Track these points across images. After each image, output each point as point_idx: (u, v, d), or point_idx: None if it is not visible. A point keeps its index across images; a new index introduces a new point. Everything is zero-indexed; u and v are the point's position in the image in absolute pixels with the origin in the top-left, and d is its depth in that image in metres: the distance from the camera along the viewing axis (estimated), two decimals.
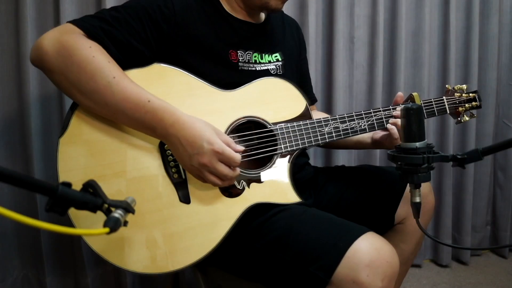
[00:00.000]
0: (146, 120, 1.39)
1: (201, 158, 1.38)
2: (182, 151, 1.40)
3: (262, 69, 1.74)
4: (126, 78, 1.39)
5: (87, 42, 1.39)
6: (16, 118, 2.17)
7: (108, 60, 1.39)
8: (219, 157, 1.40)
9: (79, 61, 1.35)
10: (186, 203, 1.49)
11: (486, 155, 1.18)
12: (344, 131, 1.73)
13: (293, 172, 1.66)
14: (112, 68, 1.38)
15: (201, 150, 1.38)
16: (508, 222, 3.22)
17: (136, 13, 1.50)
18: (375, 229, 1.46)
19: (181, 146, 1.39)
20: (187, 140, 1.38)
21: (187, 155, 1.40)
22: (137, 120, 1.40)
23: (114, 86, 1.36)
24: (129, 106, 1.37)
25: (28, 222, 0.80)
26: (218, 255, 1.50)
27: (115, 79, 1.36)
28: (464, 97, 1.92)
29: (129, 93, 1.37)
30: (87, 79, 1.35)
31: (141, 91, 1.39)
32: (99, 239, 1.39)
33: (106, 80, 1.35)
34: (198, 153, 1.38)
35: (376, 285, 1.30)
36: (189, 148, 1.38)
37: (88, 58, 1.35)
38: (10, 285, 2.25)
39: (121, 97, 1.36)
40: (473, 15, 2.91)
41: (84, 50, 1.36)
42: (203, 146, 1.37)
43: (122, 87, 1.37)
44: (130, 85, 1.38)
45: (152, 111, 1.38)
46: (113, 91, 1.36)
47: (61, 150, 1.39)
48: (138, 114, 1.38)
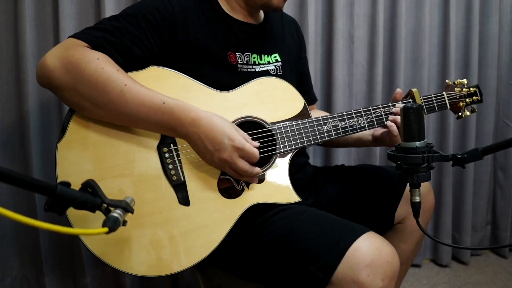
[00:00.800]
0: (164, 122, 1.39)
1: (222, 154, 1.41)
2: (203, 148, 1.41)
3: (261, 70, 1.74)
4: (137, 84, 1.39)
5: (93, 54, 1.38)
6: (15, 117, 2.17)
7: (117, 69, 1.39)
8: (240, 153, 1.43)
9: (89, 74, 1.34)
10: (186, 205, 1.48)
11: (486, 155, 1.19)
12: (343, 129, 1.73)
13: (293, 172, 1.66)
14: (122, 77, 1.38)
15: (222, 146, 1.40)
16: (508, 222, 3.21)
17: (137, 21, 1.49)
18: (375, 228, 1.46)
19: (201, 143, 1.40)
20: (208, 136, 1.39)
21: (208, 152, 1.41)
22: (155, 123, 1.40)
23: (127, 93, 1.35)
24: (145, 110, 1.37)
25: (27, 222, 0.80)
26: (217, 255, 1.49)
27: (126, 86, 1.36)
28: (465, 91, 1.91)
29: (143, 98, 1.37)
30: (99, 91, 1.34)
31: (154, 94, 1.39)
32: (98, 242, 1.38)
33: (118, 89, 1.35)
34: (219, 149, 1.40)
35: (377, 285, 1.30)
36: (210, 145, 1.40)
37: (98, 70, 1.34)
38: (9, 285, 2.25)
39: (135, 103, 1.36)
40: (473, 15, 2.91)
41: (92, 63, 1.35)
42: (224, 142, 1.40)
43: (135, 93, 1.36)
44: (142, 90, 1.38)
45: (169, 112, 1.38)
46: (126, 99, 1.35)
47: (60, 155, 1.39)
48: (155, 117, 1.38)
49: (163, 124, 1.40)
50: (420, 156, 1.18)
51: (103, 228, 0.97)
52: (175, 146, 1.49)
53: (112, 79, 1.35)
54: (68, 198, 0.96)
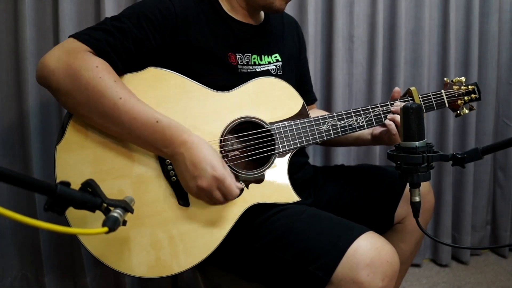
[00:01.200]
0: (154, 140, 1.39)
1: (201, 181, 1.39)
2: (184, 170, 1.40)
3: (262, 70, 1.74)
4: (133, 98, 1.39)
5: (93, 62, 1.37)
6: (15, 117, 2.16)
7: (114, 79, 1.38)
8: (218, 184, 1.40)
9: (86, 83, 1.33)
10: (185, 205, 1.48)
11: (486, 154, 1.19)
12: (342, 128, 1.73)
13: (292, 172, 1.66)
14: (119, 88, 1.37)
15: (202, 173, 1.38)
16: (508, 222, 3.21)
17: (139, 21, 1.48)
18: (375, 228, 1.47)
19: (184, 166, 1.39)
20: (192, 161, 1.38)
21: (188, 175, 1.40)
22: (145, 140, 1.40)
23: (120, 106, 1.35)
24: (136, 126, 1.37)
25: (27, 222, 0.79)
26: (217, 255, 1.49)
27: (121, 99, 1.35)
28: (463, 89, 1.91)
29: (136, 113, 1.36)
30: (95, 101, 1.34)
31: (148, 111, 1.39)
32: (98, 243, 1.38)
33: (112, 101, 1.34)
34: (199, 176, 1.39)
35: (377, 284, 1.30)
36: (192, 169, 1.39)
37: (95, 79, 1.34)
38: (9, 285, 2.25)
39: (128, 117, 1.36)
40: (473, 14, 2.90)
41: (91, 71, 1.34)
42: (206, 170, 1.38)
43: (129, 108, 1.36)
44: (137, 105, 1.38)
45: (161, 131, 1.38)
46: (120, 112, 1.35)
47: (59, 157, 1.39)
48: (146, 134, 1.38)
49: (152, 141, 1.40)
50: (420, 156, 1.18)
51: (103, 228, 0.97)
52: None
53: (109, 90, 1.35)
54: (68, 198, 0.96)
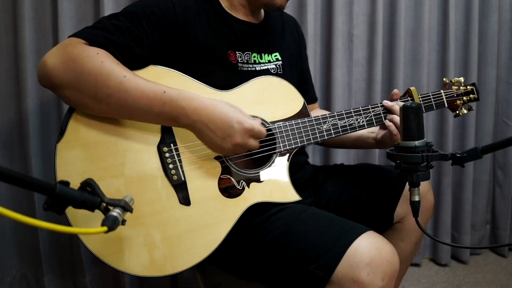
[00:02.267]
0: (166, 112, 1.39)
1: (234, 139, 1.42)
2: (213, 136, 1.42)
3: (262, 69, 1.74)
4: (137, 76, 1.38)
5: (93, 50, 1.37)
6: (15, 117, 2.17)
7: (116, 62, 1.38)
8: (250, 134, 1.44)
9: (88, 69, 1.33)
10: (186, 205, 1.48)
11: (485, 154, 1.19)
12: (343, 127, 1.73)
13: (292, 171, 1.66)
14: (121, 69, 1.37)
15: (232, 131, 1.41)
16: (507, 221, 3.21)
17: (137, 19, 1.48)
18: (374, 228, 1.46)
19: (210, 131, 1.41)
20: (216, 123, 1.40)
21: (218, 139, 1.42)
22: (157, 114, 1.39)
23: (126, 85, 1.34)
24: (145, 101, 1.36)
25: (27, 221, 0.79)
26: (217, 254, 1.49)
27: (126, 77, 1.35)
28: (462, 90, 1.91)
29: (143, 88, 1.36)
30: (99, 85, 1.34)
31: (154, 85, 1.39)
32: (98, 242, 1.38)
33: (117, 80, 1.34)
34: (230, 135, 1.41)
35: (376, 284, 1.30)
36: (219, 132, 1.41)
37: (97, 64, 1.34)
38: (8, 284, 2.25)
39: (136, 94, 1.35)
40: (473, 13, 2.91)
41: (92, 57, 1.34)
42: (234, 127, 1.41)
43: (135, 84, 1.36)
44: (142, 81, 1.38)
45: (170, 102, 1.38)
46: (126, 90, 1.34)
47: (59, 156, 1.38)
48: (156, 108, 1.38)
49: (165, 114, 1.39)
50: (419, 155, 1.18)
51: (102, 227, 0.97)
52: (175, 146, 1.48)
53: (111, 72, 1.34)
54: (67, 197, 0.96)
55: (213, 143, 1.44)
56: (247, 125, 1.42)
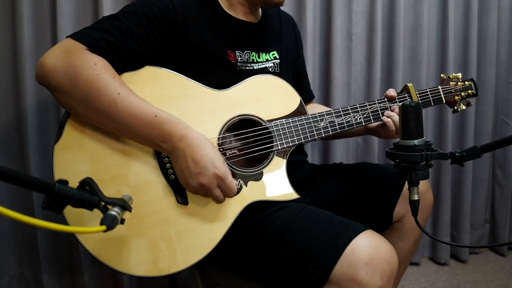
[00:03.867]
0: (154, 136, 1.38)
1: (202, 179, 1.39)
2: (184, 167, 1.40)
3: (260, 68, 1.74)
4: (132, 94, 1.38)
5: (92, 60, 1.37)
6: (13, 115, 2.16)
7: (113, 76, 1.38)
8: (219, 183, 1.41)
9: (85, 80, 1.33)
10: (184, 204, 1.48)
11: (484, 153, 1.19)
12: (340, 125, 1.73)
13: (291, 170, 1.66)
14: (117, 85, 1.37)
15: (203, 171, 1.38)
16: (507, 220, 3.21)
17: (138, 19, 1.48)
18: (373, 227, 1.46)
19: (184, 162, 1.39)
20: (193, 157, 1.38)
21: (188, 172, 1.39)
22: (144, 136, 1.39)
23: (119, 103, 1.34)
24: (135, 122, 1.36)
25: (25, 220, 0.79)
26: (216, 253, 1.49)
27: (120, 95, 1.35)
28: (460, 85, 1.91)
29: (135, 109, 1.36)
30: (93, 97, 1.34)
31: (147, 107, 1.38)
32: (96, 242, 1.38)
33: (111, 97, 1.34)
34: (200, 173, 1.38)
35: (375, 283, 1.30)
36: (192, 166, 1.38)
37: (94, 76, 1.34)
38: (7, 283, 2.25)
39: (127, 113, 1.35)
40: (472, 12, 2.90)
41: (90, 69, 1.34)
42: (208, 168, 1.38)
43: (128, 103, 1.36)
44: (136, 101, 1.37)
45: (160, 127, 1.37)
46: (118, 108, 1.35)
47: (57, 156, 1.38)
48: (145, 130, 1.37)
49: (151, 137, 1.39)
50: (418, 154, 1.18)
51: (101, 226, 0.97)
52: None
53: (107, 86, 1.34)
54: (66, 196, 0.96)
55: (182, 173, 1.41)
56: (220, 172, 1.39)
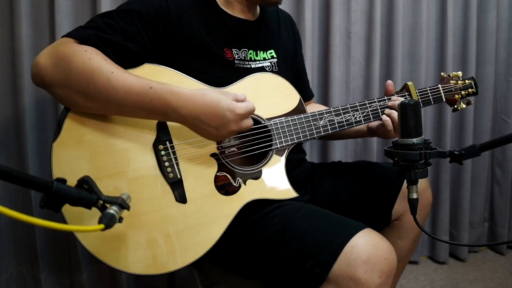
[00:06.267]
0: (154, 107, 1.38)
1: (229, 127, 1.42)
2: (206, 128, 1.41)
3: (257, 67, 1.74)
4: (125, 72, 1.38)
5: (82, 47, 1.37)
6: (11, 114, 2.16)
7: (104, 59, 1.38)
8: (243, 118, 1.43)
9: (76, 67, 1.33)
10: (183, 202, 1.48)
11: (483, 151, 1.19)
12: (339, 123, 1.73)
13: (290, 168, 1.66)
14: (110, 65, 1.37)
15: (225, 120, 1.40)
16: (506, 219, 3.22)
17: (131, 17, 1.48)
18: (372, 225, 1.46)
19: (202, 124, 1.40)
20: (207, 115, 1.39)
21: (213, 129, 1.42)
22: (145, 110, 1.39)
23: (113, 80, 1.34)
24: (133, 97, 1.36)
25: (23, 219, 0.79)
26: (214, 251, 1.49)
27: (113, 74, 1.34)
28: (460, 84, 1.91)
29: (130, 84, 1.36)
30: (87, 81, 1.34)
31: (141, 80, 1.38)
32: (95, 240, 1.38)
33: (105, 76, 1.34)
34: (223, 124, 1.41)
35: (374, 282, 1.30)
36: (213, 122, 1.40)
37: (85, 60, 1.34)
38: (5, 282, 2.25)
39: (123, 90, 1.35)
40: (471, 10, 2.90)
41: (80, 55, 1.34)
42: (227, 116, 1.40)
43: (122, 80, 1.35)
44: (130, 77, 1.37)
45: (157, 97, 1.37)
46: (113, 86, 1.34)
47: (55, 154, 1.38)
48: (144, 104, 1.37)
49: (153, 109, 1.39)
50: (417, 153, 1.17)
51: (99, 225, 0.97)
52: (171, 144, 1.48)
53: (99, 68, 1.34)
54: (64, 195, 0.96)
55: (208, 134, 1.43)
56: (239, 111, 1.41)
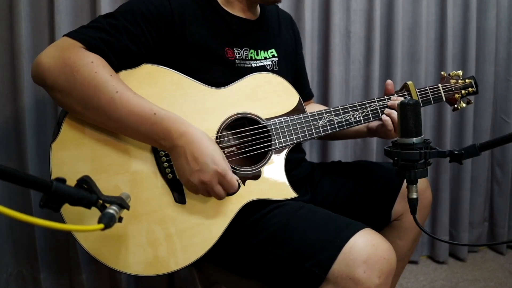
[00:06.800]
0: (153, 132, 1.38)
1: (203, 176, 1.38)
2: (185, 164, 1.39)
3: (258, 66, 1.73)
4: (129, 92, 1.37)
5: (88, 57, 1.36)
6: (10, 113, 2.16)
7: (110, 73, 1.37)
8: (220, 179, 1.40)
9: (82, 78, 1.32)
10: (182, 203, 1.48)
11: (483, 151, 1.19)
12: (339, 123, 1.73)
13: (289, 168, 1.66)
14: (115, 83, 1.36)
15: (204, 168, 1.38)
16: (505, 218, 3.22)
17: (134, 17, 1.47)
18: (372, 225, 1.46)
19: (184, 159, 1.38)
20: (193, 154, 1.37)
21: (188, 169, 1.39)
22: (143, 133, 1.39)
23: (117, 100, 1.34)
24: (134, 119, 1.36)
25: (23, 219, 0.79)
26: (214, 251, 1.49)
27: (118, 93, 1.34)
28: (460, 83, 1.91)
29: (133, 106, 1.35)
30: (91, 96, 1.33)
31: (145, 104, 1.38)
32: (94, 241, 1.38)
33: (109, 95, 1.33)
34: (200, 170, 1.38)
35: (373, 281, 1.30)
36: (193, 163, 1.38)
37: (91, 74, 1.33)
38: (4, 282, 2.25)
39: (125, 111, 1.35)
40: (471, 10, 2.90)
41: (87, 66, 1.34)
42: (208, 165, 1.38)
43: (126, 101, 1.35)
44: (134, 98, 1.37)
45: (159, 123, 1.36)
46: (116, 106, 1.34)
47: (54, 156, 1.37)
48: (144, 127, 1.37)
49: (150, 134, 1.38)
50: (417, 152, 1.17)
51: (99, 225, 0.97)
52: None
53: (104, 84, 1.34)
54: (64, 195, 0.96)
55: (182, 171, 1.41)
56: (221, 169, 1.39)
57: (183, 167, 1.40)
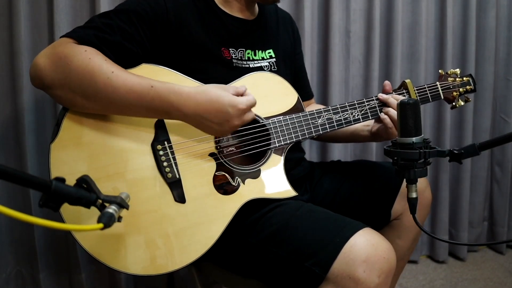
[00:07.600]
0: (156, 106, 1.38)
1: (232, 122, 1.41)
2: (209, 124, 1.41)
3: (255, 66, 1.73)
4: (125, 72, 1.38)
5: (81, 47, 1.37)
6: (10, 113, 2.16)
7: (104, 59, 1.37)
8: (245, 110, 1.42)
9: (76, 67, 1.33)
10: (182, 202, 1.47)
11: (483, 150, 1.19)
12: (338, 121, 1.72)
13: (288, 168, 1.66)
14: (110, 65, 1.36)
15: (228, 116, 1.39)
16: (505, 218, 3.22)
17: (128, 17, 1.48)
18: (371, 224, 1.46)
19: (205, 121, 1.40)
20: (209, 112, 1.38)
21: (215, 125, 1.41)
22: (147, 109, 1.39)
23: (114, 80, 1.34)
24: (134, 96, 1.35)
25: (22, 218, 0.79)
26: (213, 251, 1.49)
27: (113, 73, 1.34)
28: (458, 81, 1.91)
29: (131, 84, 1.35)
30: (87, 82, 1.33)
31: (142, 80, 1.37)
32: (93, 241, 1.37)
33: (105, 76, 1.33)
34: (226, 120, 1.40)
35: (373, 281, 1.30)
36: (215, 119, 1.39)
37: (85, 61, 1.33)
38: (4, 281, 2.25)
39: (124, 90, 1.34)
40: (470, 9, 2.90)
41: (80, 55, 1.34)
42: (229, 112, 1.39)
43: (123, 80, 1.35)
44: (130, 76, 1.37)
45: (159, 97, 1.36)
46: (114, 86, 1.34)
47: (53, 156, 1.37)
48: (145, 103, 1.37)
49: (155, 109, 1.38)
50: (416, 152, 1.17)
51: (98, 224, 0.97)
52: (169, 143, 1.48)
53: (99, 68, 1.34)
54: (63, 194, 0.96)
55: (211, 130, 1.43)
56: (241, 106, 1.40)
57: (210, 127, 1.42)
